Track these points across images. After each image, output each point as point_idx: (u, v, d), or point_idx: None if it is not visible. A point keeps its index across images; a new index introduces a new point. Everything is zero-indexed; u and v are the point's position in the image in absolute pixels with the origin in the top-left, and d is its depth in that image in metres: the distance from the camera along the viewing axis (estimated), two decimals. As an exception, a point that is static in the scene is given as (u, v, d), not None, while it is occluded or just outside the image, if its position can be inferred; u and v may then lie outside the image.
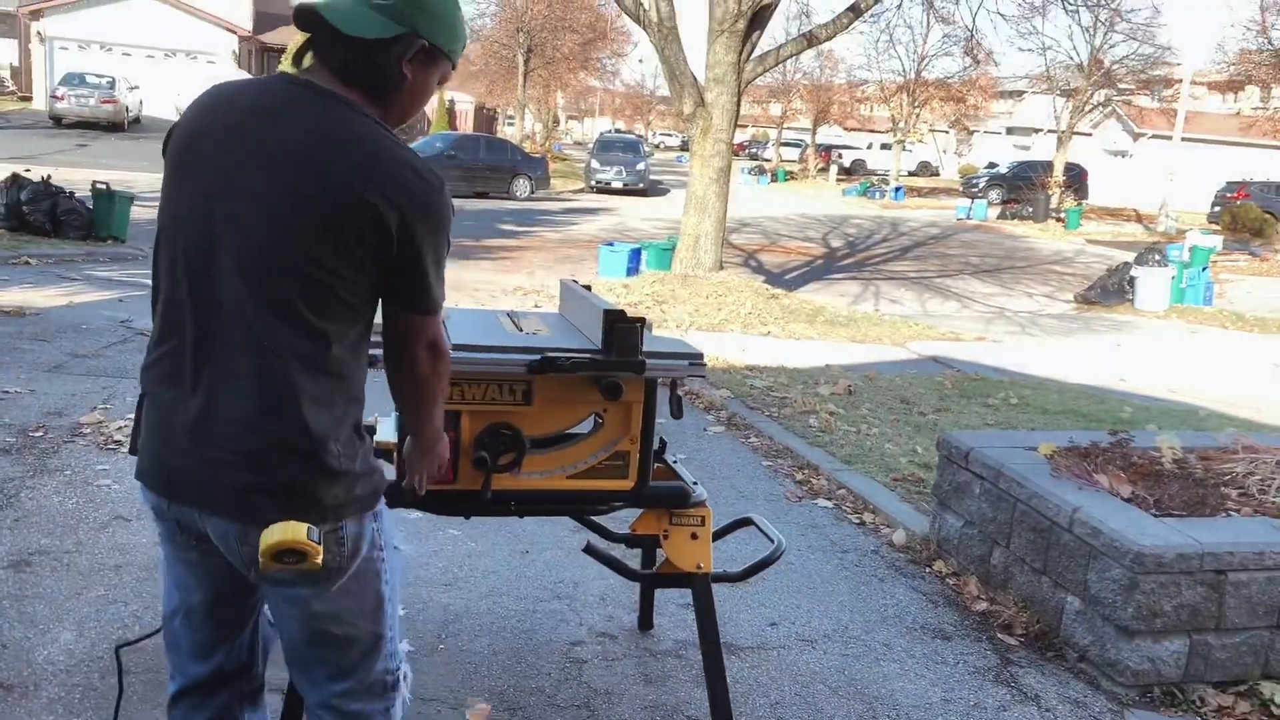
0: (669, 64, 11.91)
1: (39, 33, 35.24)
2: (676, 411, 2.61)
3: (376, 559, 1.85)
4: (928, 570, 4.32)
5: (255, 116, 1.68)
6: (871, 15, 17.91)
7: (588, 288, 2.91)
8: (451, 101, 40.82)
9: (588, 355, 2.37)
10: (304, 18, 1.72)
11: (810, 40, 13.44)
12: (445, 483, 2.40)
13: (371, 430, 2.75)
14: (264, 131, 1.66)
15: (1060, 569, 3.62)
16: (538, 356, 2.33)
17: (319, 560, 1.68)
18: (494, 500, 2.42)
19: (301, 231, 1.63)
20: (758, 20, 11.91)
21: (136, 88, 32.03)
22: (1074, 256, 23.04)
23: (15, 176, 12.45)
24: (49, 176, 12.66)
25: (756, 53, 12.40)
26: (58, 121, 29.07)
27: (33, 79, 36.48)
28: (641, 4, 11.93)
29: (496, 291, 11.85)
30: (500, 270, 14.19)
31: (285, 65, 2.13)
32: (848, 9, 12.43)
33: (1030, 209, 30.75)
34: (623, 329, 2.35)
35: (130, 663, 2.74)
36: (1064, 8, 14.52)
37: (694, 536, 2.64)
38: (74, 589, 3.50)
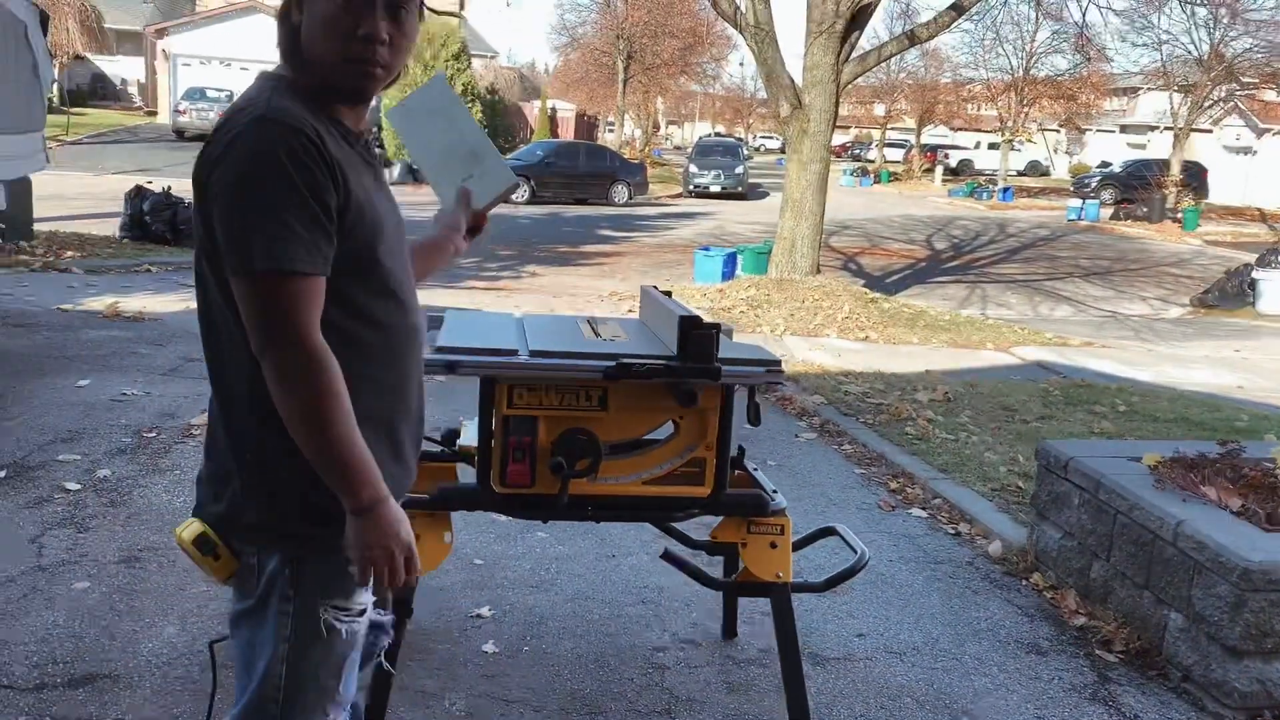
0: (766, 66, 11.84)
1: (163, 50, 36.99)
2: (754, 418, 2.58)
3: (284, 612, 1.64)
4: (1024, 583, 4.19)
5: None
6: (976, 13, 17.50)
7: (668, 293, 2.91)
8: (553, 109, 41.33)
9: (663, 361, 2.37)
10: None
11: (911, 40, 13.20)
12: (524, 486, 2.43)
13: (455, 434, 2.80)
14: None
15: (1163, 584, 3.47)
16: (613, 363, 2.34)
17: (216, 575, 1.67)
18: (571, 505, 2.44)
19: (198, 234, 1.58)
20: (856, 21, 11.76)
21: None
22: (1191, 258, 22.12)
23: (138, 188, 13.07)
24: (169, 187, 13.25)
25: (856, 54, 12.23)
26: (180, 134, 30.44)
27: (158, 94, 38.31)
28: (738, 8, 11.89)
29: (592, 296, 11.94)
30: (597, 275, 14.30)
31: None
32: (949, 7, 12.17)
33: (1145, 209, 29.62)
34: (698, 335, 2.35)
35: (225, 657, 2.84)
36: (1180, 2, 13.90)
37: (773, 545, 2.62)
38: (178, 584, 3.64)
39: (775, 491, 2.68)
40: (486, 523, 4.21)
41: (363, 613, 1.69)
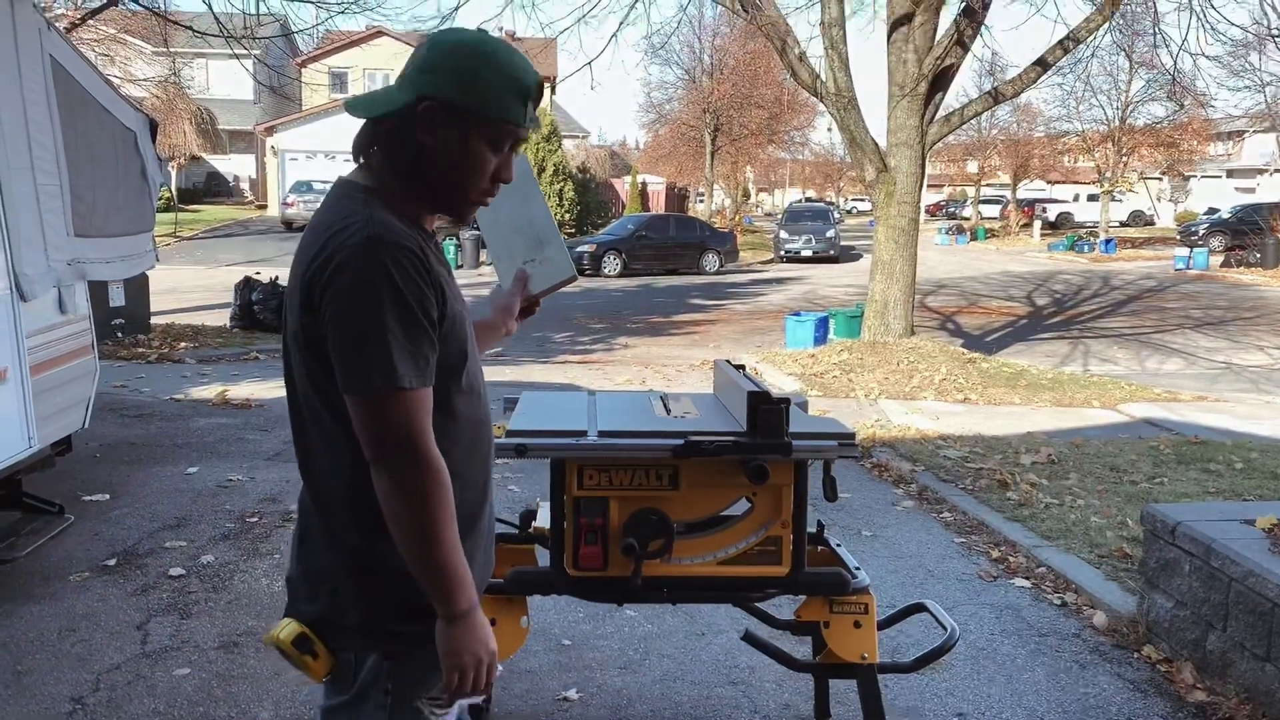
0: (849, 132, 11.85)
1: (272, 147, 38.88)
2: (830, 494, 2.53)
3: (382, 707, 1.67)
4: (1135, 655, 3.98)
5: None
6: (1065, 67, 17.27)
7: (740, 368, 2.90)
8: (643, 183, 41.99)
9: (732, 438, 2.34)
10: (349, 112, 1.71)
11: (996, 98, 13.06)
12: (597, 569, 2.41)
13: (532, 515, 2.82)
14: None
15: (1286, 657, 3.26)
16: (682, 440, 2.33)
17: (314, 674, 1.66)
18: (646, 586, 2.42)
19: (292, 341, 1.63)
20: (940, 82, 11.71)
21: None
22: (1312, 303, 21.13)
23: (247, 279, 13.67)
24: (276, 277, 13.82)
25: (940, 114, 12.16)
26: (289, 226, 31.77)
27: (268, 189, 40.18)
28: (819, 76, 11.96)
29: (684, 365, 11.95)
30: (688, 344, 14.33)
31: None
32: (1034, 63, 12.02)
33: (1258, 255, 28.46)
34: (766, 410, 2.32)
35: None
36: (1277, 43, 13.48)
37: (857, 625, 2.55)
38: (274, 670, 3.70)
39: (859, 569, 2.61)
40: (575, 602, 4.18)
41: (453, 703, 1.70)
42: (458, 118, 1.60)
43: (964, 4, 11.55)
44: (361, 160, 1.68)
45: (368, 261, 1.50)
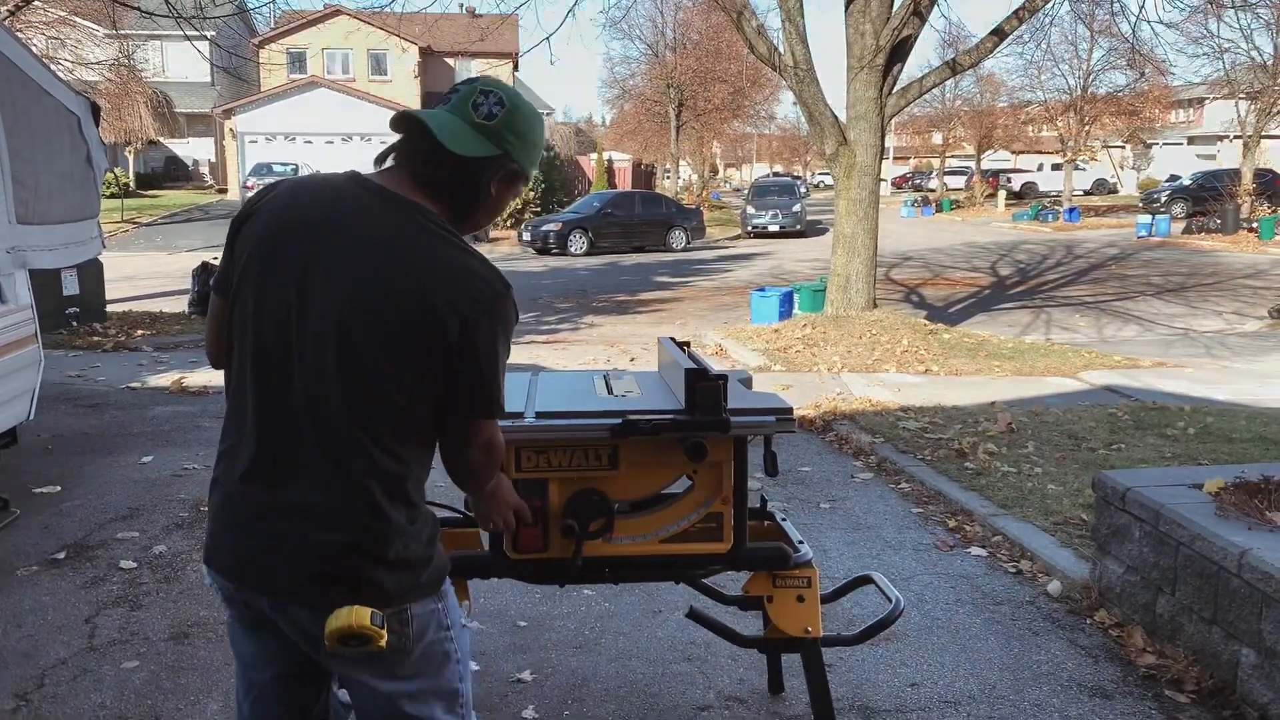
0: (808, 106, 11.81)
1: (231, 129, 38.33)
2: (771, 469, 2.52)
3: (444, 639, 1.85)
4: (1088, 622, 4.01)
5: (332, 227, 1.74)
6: (1025, 36, 17.29)
7: (685, 345, 2.87)
8: (610, 160, 41.80)
9: (670, 416, 2.32)
10: (404, 124, 1.80)
11: (953, 69, 13.06)
12: (537, 551, 2.39)
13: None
14: (339, 244, 1.72)
15: (1231, 618, 3.29)
16: (619, 420, 2.30)
17: (383, 644, 1.70)
18: (587, 567, 2.40)
19: (368, 340, 1.69)
20: (898, 54, 11.69)
21: (318, 172, 34.29)
22: (1269, 269, 21.41)
23: (205, 265, 13.46)
24: (234, 263, 13.61)
25: (898, 86, 12.15)
26: (249, 210, 31.29)
27: (228, 172, 39.64)
28: (776, 49, 11.91)
29: (649, 343, 11.91)
30: (653, 322, 14.30)
31: None
32: (990, 33, 12.03)
33: (1218, 221, 28.80)
34: (704, 388, 2.30)
35: None
36: (1233, 5, 13.55)
37: (800, 599, 2.54)
38: (225, 659, 3.66)
39: (801, 542, 2.60)
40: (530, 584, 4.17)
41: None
42: (516, 181, 1.87)
43: (920, -26, 11.52)
44: (412, 176, 1.79)
45: (510, 310, 1.78)
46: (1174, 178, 39.70)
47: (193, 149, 44.46)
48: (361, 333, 1.69)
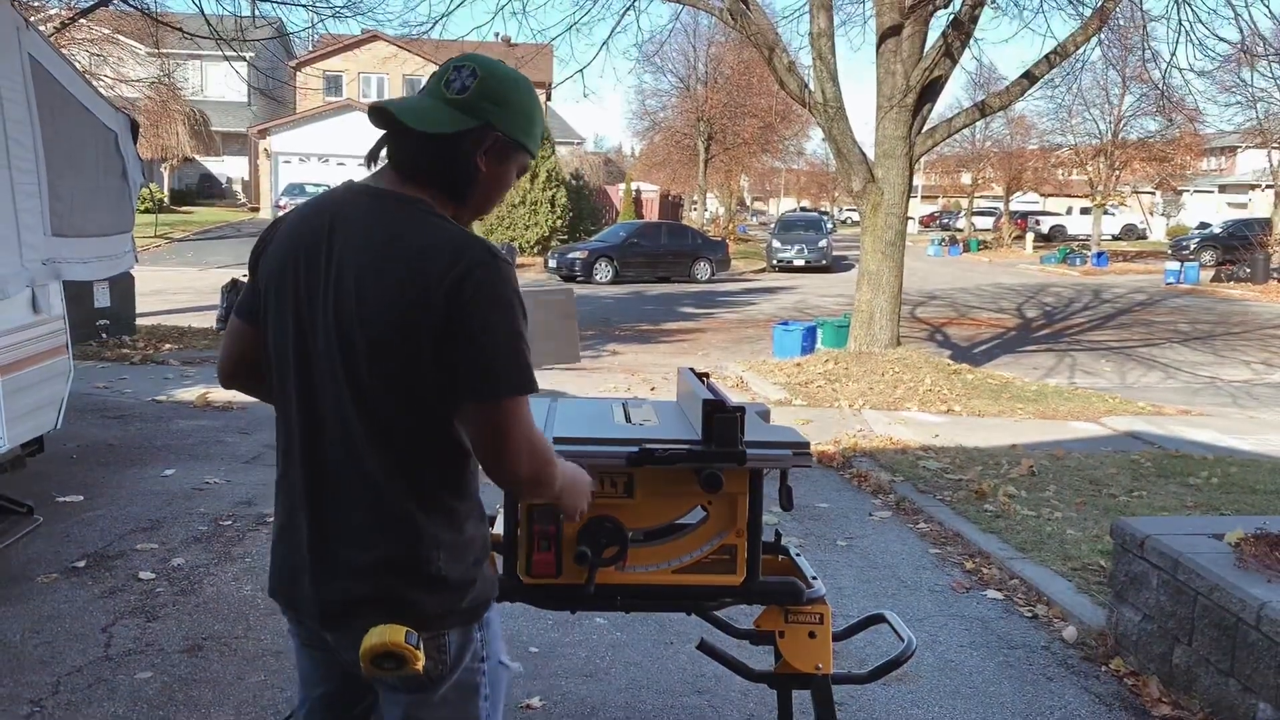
0: (837, 143, 11.87)
1: (265, 149, 38.84)
2: (786, 503, 2.52)
3: (477, 671, 1.81)
4: (1103, 669, 3.97)
5: (329, 243, 1.71)
6: (1056, 80, 17.27)
7: (704, 376, 2.89)
8: (638, 190, 41.97)
9: (685, 446, 2.33)
10: (377, 117, 1.75)
11: (983, 110, 13.09)
12: (549, 578, 2.40)
13: (490, 522, 2.79)
14: (337, 256, 1.69)
15: (1249, 671, 3.26)
16: (636, 448, 2.32)
17: (419, 666, 1.67)
18: (599, 595, 2.40)
19: (367, 342, 1.65)
20: (928, 94, 11.74)
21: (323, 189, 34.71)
22: (1300, 319, 21.21)
23: (234, 281, 13.58)
24: (263, 281, 13.76)
25: (928, 126, 12.19)
26: (280, 228, 31.64)
27: (260, 191, 40.13)
28: (807, 86, 11.98)
29: (670, 373, 11.92)
30: (676, 353, 14.33)
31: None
32: (1021, 76, 12.05)
33: (1248, 270, 28.58)
34: (721, 419, 2.31)
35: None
36: (1265, 55, 13.50)
37: (811, 635, 2.53)
38: (238, 673, 3.69)
39: (815, 578, 2.59)
40: (543, 610, 4.18)
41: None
42: (511, 153, 1.78)
43: (952, 16, 11.58)
44: (396, 169, 1.75)
45: (497, 276, 1.64)
46: (1204, 225, 39.50)
47: (227, 167, 45.06)
48: (361, 337, 1.65)
